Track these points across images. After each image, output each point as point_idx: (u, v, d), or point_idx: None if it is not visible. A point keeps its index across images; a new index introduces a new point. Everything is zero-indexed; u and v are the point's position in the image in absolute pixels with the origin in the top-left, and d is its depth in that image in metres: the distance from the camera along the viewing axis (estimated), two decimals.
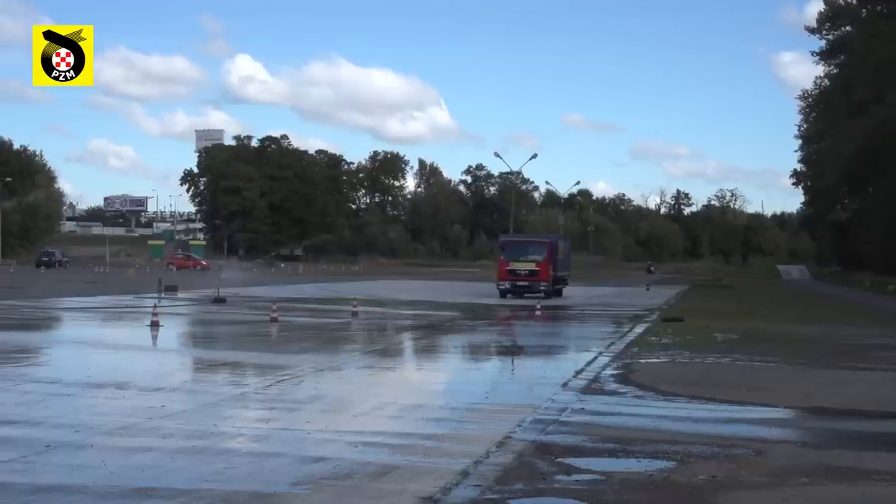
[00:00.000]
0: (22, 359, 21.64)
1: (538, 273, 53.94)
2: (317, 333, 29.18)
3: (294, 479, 10.10)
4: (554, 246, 57.07)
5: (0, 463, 10.53)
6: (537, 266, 54.05)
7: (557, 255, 57.11)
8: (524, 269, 54.14)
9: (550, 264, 54.67)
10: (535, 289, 53.15)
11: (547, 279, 54.11)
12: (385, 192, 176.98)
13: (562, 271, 59.09)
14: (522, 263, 54.24)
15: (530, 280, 53.92)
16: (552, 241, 58.89)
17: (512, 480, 10.22)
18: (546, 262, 54.33)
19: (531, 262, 54.20)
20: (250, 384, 17.64)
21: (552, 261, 55.15)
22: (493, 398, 16.72)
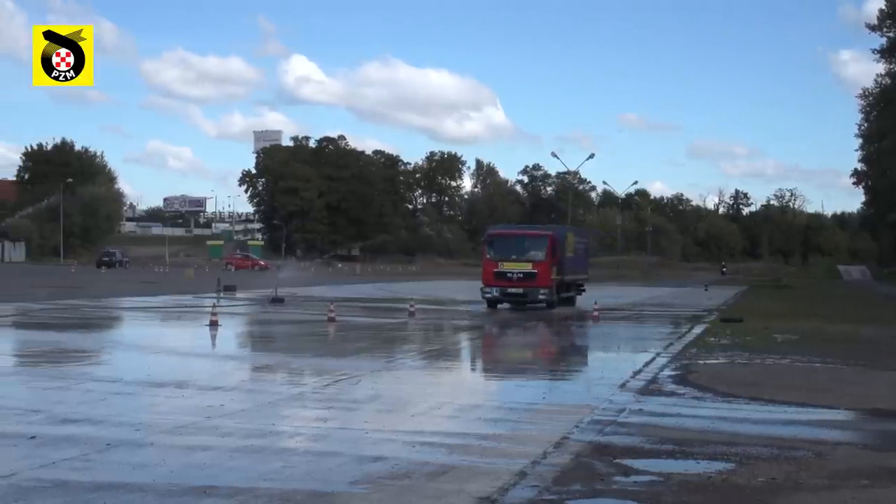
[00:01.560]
0: (83, 358, 21.87)
1: (536, 277, 41.41)
2: (374, 333, 29.25)
3: (352, 479, 10.12)
4: (558, 240, 43.48)
5: (62, 461, 10.64)
6: (534, 267, 41.54)
7: (564, 252, 44.11)
8: (517, 271, 41.64)
9: (552, 265, 41.91)
10: (531, 297, 41.75)
11: (547, 284, 41.58)
12: (442, 192, 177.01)
13: (572, 273, 46.43)
14: (514, 264, 41.74)
15: (525, 286, 41.50)
16: (556, 233, 44.64)
17: (570, 481, 10.18)
18: (546, 263, 41.50)
19: (526, 262, 41.78)
20: (308, 384, 17.70)
21: (555, 260, 42.26)
22: (550, 398, 16.67)
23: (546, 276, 41.56)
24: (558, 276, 42.78)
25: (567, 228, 51.68)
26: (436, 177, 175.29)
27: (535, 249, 42.51)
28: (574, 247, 47.17)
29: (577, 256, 48.07)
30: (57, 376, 18.12)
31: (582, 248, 50.25)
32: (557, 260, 42.52)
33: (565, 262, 44.19)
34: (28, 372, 19.47)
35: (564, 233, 46.47)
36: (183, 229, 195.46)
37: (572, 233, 49.65)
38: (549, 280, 41.64)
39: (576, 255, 47.47)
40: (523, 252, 42.49)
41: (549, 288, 41.69)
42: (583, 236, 53.28)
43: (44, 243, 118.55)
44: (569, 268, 45.18)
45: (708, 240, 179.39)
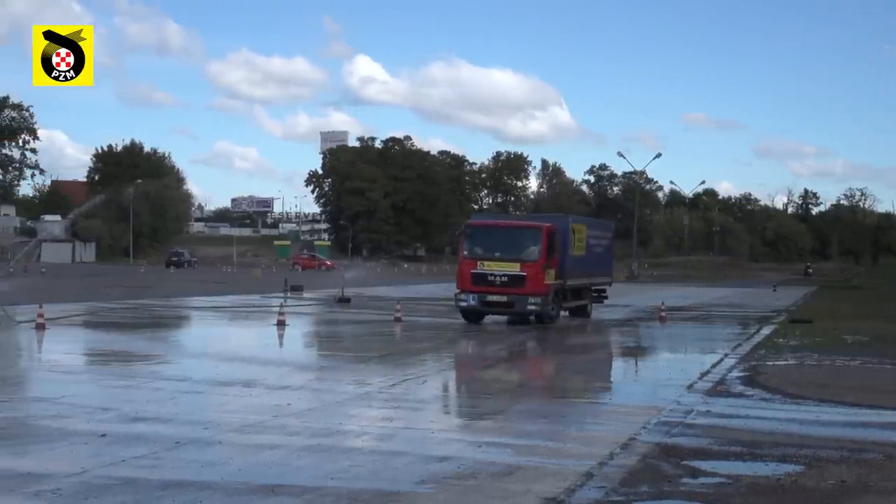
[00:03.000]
0: (152, 357, 22.07)
1: (525, 281, 31.73)
2: (440, 333, 29.27)
3: (418, 478, 10.13)
4: (558, 235, 33.22)
5: (131, 459, 10.75)
6: (523, 268, 31.80)
7: (568, 249, 34.00)
8: (500, 273, 31.96)
9: (549, 266, 32.32)
10: (519, 308, 32.14)
11: (540, 291, 31.90)
12: (508, 192, 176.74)
13: (583, 276, 36.26)
14: (498, 264, 32.15)
15: (510, 292, 31.78)
16: (555, 226, 33.61)
17: (637, 482, 10.12)
18: (540, 263, 31.93)
19: (513, 261, 32.09)
20: (374, 383, 17.75)
21: (553, 260, 32.69)
22: (616, 399, 16.62)
23: (538, 281, 31.75)
24: (558, 280, 33.07)
25: (575, 219, 38.45)
26: (502, 177, 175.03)
27: (526, 246, 32.50)
28: (587, 243, 36.44)
29: (593, 255, 37.45)
30: (126, 375, 18.32)
31: (603, 244, 39.30)
32: (557, 260, 32.85)
33: (570, 262, 33.93)
34: (98, 371, 19.70)
35: (568, 225, 34.75)
36: (250, 229, 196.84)
37: (584, 225, 37.72)
38: (543, 286, 31.90)
39: (590, 253, 36.82)
40: (510, 249, 32.50)
41: (542, 296, 31.88)
42: (602, 229, 40.72)
43: (114, 244, 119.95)
44: (577, 269, 34.82)
45: (776, 240, 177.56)
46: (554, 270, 32.59)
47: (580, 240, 35.70)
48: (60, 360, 20.90)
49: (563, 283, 33.73)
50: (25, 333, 25.08)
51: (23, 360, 21.63)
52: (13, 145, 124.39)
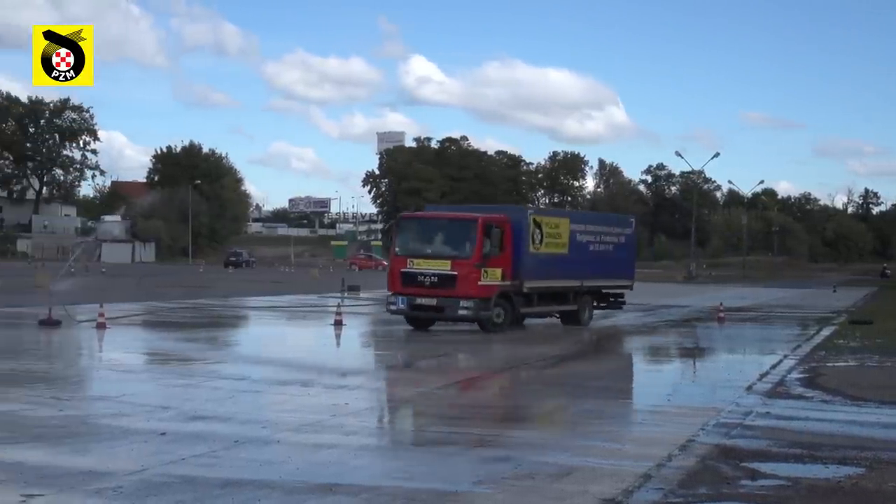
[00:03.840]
0: (211, 356, 22.22)
1: (455, 281, 27.66)
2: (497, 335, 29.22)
3: (476, 478, 10.14)
4: (499, 228, 28.67)
5: (190, 457, 10.83)
6: (454, 267, 27.75)
7: (523, 246, 29.22)
8: (431, 272, 28.00)
9: (484, 264, 27.85)
10: (450, 312, 28.22)
11: (473, 292, 27.72)
12: (565, 192, 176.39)
13: (564, 278, 31.47)
14: (428, 262, 28.29)
15: (440, 294, 27.86)
16: (502, 217, 29.55)
17: (695, 484, 10.07)
18: (472, 261, 27.66)
19: (443, 258, 28.18)
20: (431, 383, 17.76)
21: (497, 258, 28.28)
22: (675, 400, 16.53)
23: (470, 282, 27.62)
24: (509, 281, 28.72)
25: (544, 211, 33.40)
26: (558, 177, 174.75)
27: (458, 241, 28.45)
28: (572, 240, 31.70)
29: (590, 254, 32.74)
30: (185, 374, 18.46)
31: (613, 242, 34.23)
32: (507, 258, 28.60)
33: (530, 260, 29.40)
34: (157, 370, 19.87)
35: (526, 217, 29.95)
36: (308, 230, 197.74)
37: (563, 219, 32.76)
38: (477, 287, 27.72)
39: (580, 251, 32.03)
40: (441, 245, 28.84)
41: (475, 299, 27.65)
42: (611, 225, 35.65)
43: (173, 244, 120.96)
44: (548, 269, 30.33)
45: (836, 240, 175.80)
46: (500, 270, 28.27)
47: (553, 235, 30.71)
48: (120, 359, 21.10)
49: (519, 284, 29.00)
50: (86, 333, 25.34)
51: (84, 359, 21.86)
52: (74, 146, 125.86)
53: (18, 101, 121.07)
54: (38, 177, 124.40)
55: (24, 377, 17.37)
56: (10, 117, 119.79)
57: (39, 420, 13.06)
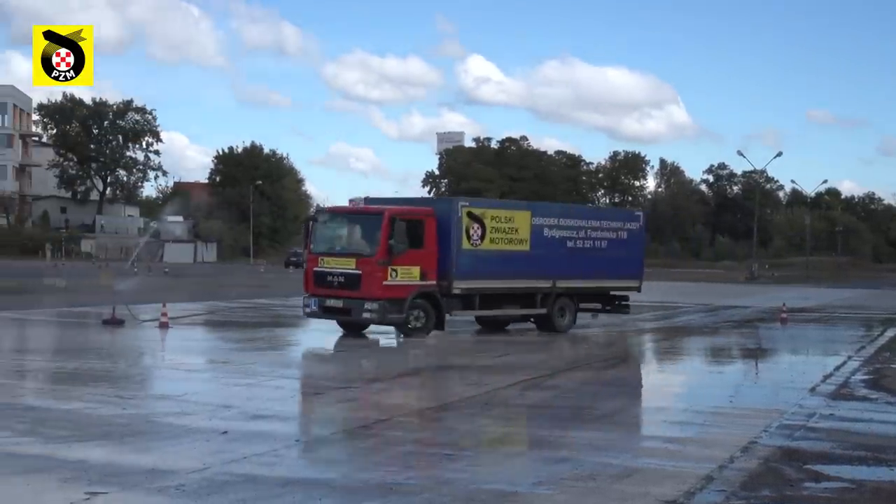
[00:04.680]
0: (272, 355, 22.35)
1: (359, 282, 25.20)
2: (556, 335, 29.14)
3: (536, 479, 10.12)
4: (411, 222, 25.93)
5: (252, 456, 10.90)
6: (359, 266, 25.38)
7: (452, 242, 26.34)
8: (338, 271, 25.75)
9: (389, 262, 25.15)
10: (356, 316, 25.56)
11: (377, 293, 25.05)
12: (625, 191, 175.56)
13: (522, 278, 28.27)
14: (337, 260, 26.06)
15: (346, 295, 25.46)
16: (411, 211, 27.05)
17: (758, 486, 9.99)
18: (376, 259, 25.08)
19: (350, 256, 25.91)
20: (490, 384, 17.74)
21: (409, 256, 25.54)
22: (737, 402, 16.42)
23: (374, 282, 25.02)
24: (434, 281, 26.04)
25: (488, 203, 31.64)
26: (619, 176, 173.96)
27: (364, 238, 26.20)
28: (536, 236, 28.38)
29: (568, 252, 29.29)
30: (247, 373, 18.56)
31: (608, 238, 30.65)
32: (428, 255, 25.86)
33: (466, 258, 26.54)
34: (219, 369, 19.98)
35: (456, 209, 26.63)
36: None
37: (522, 212, 28.96)
38: (381, 288, 25.09)
39: (550, 249, 28.75)
40: (349, 242, 26.75)
41: (381, 301, 25.01)
42: (617, 219, 32.28)
43: (234, 244, 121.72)
44: (496, 269, 27.32)
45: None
46: (418, 268, 25.66)
47: (504, 230, 27.59)
48: (182, 358, 21.28)
49: (448, 285, 26.21)
50: (149, 332, 25.58)
51: (146, 358, 22.06)
52: (137, 148, 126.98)
53: (82, 102, 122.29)
54: (102, 178, 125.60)
55: (88, 376, 17.57)
56: (75, 119, 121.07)
57: (103, 418, 13.19)
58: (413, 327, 25.53)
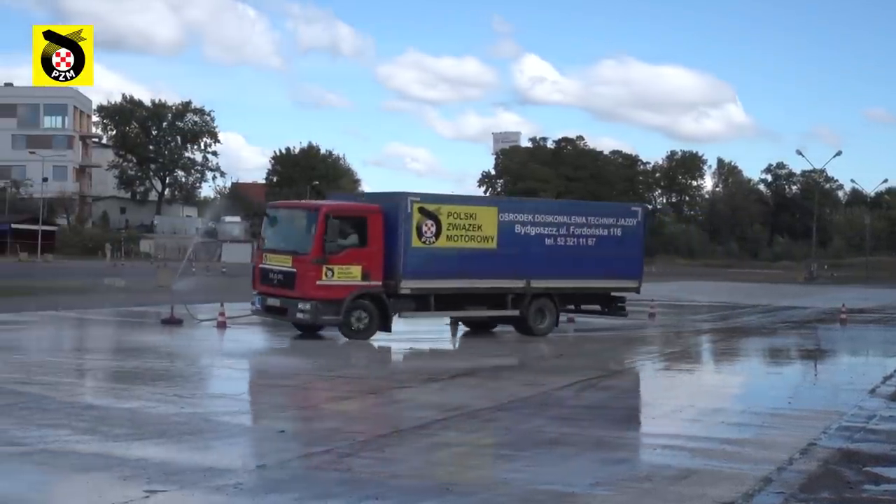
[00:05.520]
0: (329, 355, 22.43)
1: (294, 280, 24.28)
2: (613, 335, 29.06)
3: (593, 480, 10.09)
4: (376, 217, 25.02)
5: (309, 455, 10.96)
6: (294, 264, 24.45)
7: (399, 239, 24.95)
8: (277, 269, 24.96)
9: (330, 262, 24.06)
10: (291, 315, 24.56)
11: (310, 293, 23.98)
12: (682, 191, 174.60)
13: (486, 277, 26.30)
14: (277, 257, 25.25)
15: (283, 294, 24.66)
16: (351, 206, 27.09)
17: (817, 488, 9.90)
18: (310, 257, 24.08)
19: (286, 254, 24.96)
20: (547, 384, 17.71)
21: (347, 254, 24.34)
22: (795, 403, 16.28)
23: (308, 281, 23.99)
24: (387, 281, 24.81)
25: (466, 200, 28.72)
26: (676, 176, 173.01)
27: (300, 234, 25.09)
28: (506, 232, 26.68)
29: (563, 249, 27.63)
30: (303, 373, 18.64)
31: (611, 235, 28.65)
32: (372, 253, 24.64)
33: (414, 257, 25.12)
34: (275, 369, 20.06)
35: (406, 205, 25.17)
36: None
37: (487, 207, 27.63)
38: (314, 287, 23.97)
39: (524, 246, 26.96)
40: (287, 238, 25.61)
41: (315, 301, 23.94)
42: (610, 215, 29.59)
43: None
44: (454, 268, 25.73)
45: None
46: (360, 267, 24.39)
47: (465, 227, 25.98)
48: (239, 357, 21.42)
49: (395, 284, 24.85)
50: (207, 332, 25.75)
51: (204, 357, 22.22)
52: (195, 148, 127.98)
53: (142, 104, 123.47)
54: (161, 178, 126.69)
55: (147, 375, 17.73)
56: (134, 120, 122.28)
57: (161, 417, 13.31)
58: (356, 329, 24.35)
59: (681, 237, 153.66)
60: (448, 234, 25.56)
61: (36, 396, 14.57)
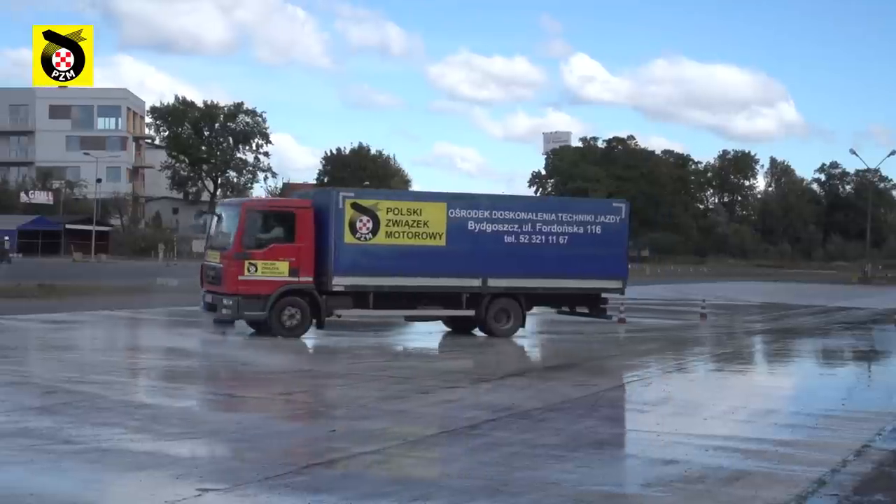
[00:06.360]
0: (380, 355, 22.48)
1: (222, 275, 24.28)
2: (664, 335, 28.96)
3: (644, 481, 10.05)
4: (305, 212, 24.83)
5: (361, 454, 10.98)
6: (221, 260, 24.60)
7: (330, 235, 24.57)
8: (211, 265, 25.29)
9: (246, 256, 23.95)
10: (219, 311, 24.37)
11: (231, 289, 23.93)
12: (734, 191, 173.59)
13: (436, 273, 25.58)
14: (212, 253, 25.61)
15: (214, 291, 24.65)
16: (276, 203, 29.11)
17: (871, 491, 9.81)
18: (231, 253, 24.21)
19: (217, 250, 25.23)
20: (598, 384, 17.66)
21: (268, 251, 24.17)
22: (849, 405, 16.12)
23: (230, 277, 23.97)
24: (319, 277, 24.49)
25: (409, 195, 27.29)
26: (728, 176, 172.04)
27: (229, 230, 25.01)
28: (456, 229, 25.72)
29: (527, 247, 26.36)
30: (355, 373, 18.69)
31: (587, 232, 27.09)
32: (302, 249, 24.31)
33: (347, 253, 24.55)
34: (328, 369, 20.11)
35: (336, 200, 24.76)
36: None
37: (437, 204, 26.09)
38: (236, 283, 23.85)
39: (495, 243, 26.04)
40: (221, 234, 25.62)
41: (237, 297, 23.82)
42: (588, 211, 27.91)
43: None
44: (392, 265, 25.05)
45: None
46: (287, 263, 24.06)
47: (407, 223, 25.20)
48: (290, 357, 21.49)
49: (326, 281, 24.41)
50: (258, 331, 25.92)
51: (256, 357, 22.33)
52: (247, 149, 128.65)
53: (194, 105, 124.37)
54: (213, 179, 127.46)
55: (200, 374, 17.86)
56: (186, 121, 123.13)
57: (214, 416, 13.40)
58: (288, 326, 24.05)
59: (733, 237, 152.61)
60: (387, 230, 24.95)
61: (90, 395, 14.70)
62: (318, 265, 24.38)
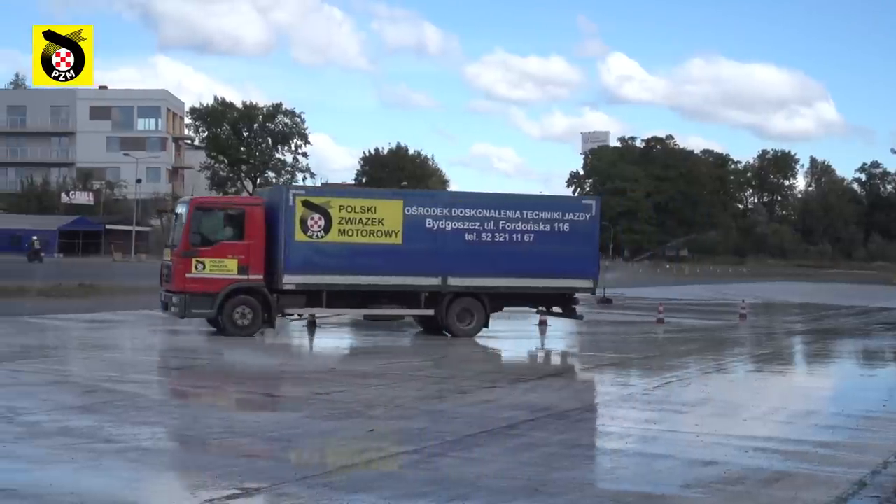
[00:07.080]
0: (416, 354, 22.51)
1: (172, 272, 24.37)
2: (703, 335, 28.85)
3: (683, 482, 10.01)
4: (255, 210, 24.80)
5: (399, 454, 11.02)
6: (171, 257, 24.72)
7: (280, 232, 24.25)
8: (166, 263, 25.44)
9: (193, 253, 23.82)
10: (170, 308, 24.62)
11: (179, 286, 23.91)
12: (774, 191, 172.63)
13: (392, 272, 25.04)
14: (168, 251, 25.82)
15: (166, 288, 24.89)
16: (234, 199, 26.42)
17: None
18: (180, 250, 24.28)
19: (170, 248, 25.40)
20: (637, 385, 17.64)
21: (214, 249, 23.98)
22: (890, 406, 16.02)
23: (178, 274, 23.96)
24: (269, 276, 24.20)
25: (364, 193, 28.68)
26: (768, 176, 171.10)
27: (179, 228, 25.03)
28: (424, 227, 25.39)
29: (488, 245, 25.75)
30: (391, 372, 18.71)
31: (555, 230, 26.29)
32: (251, 247, 24.05)
33: (299, 251, 24.25)
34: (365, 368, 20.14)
35: (287, 198, 24.58)
36: None
37: (393, 200, 26.14)
38: (184, 280, 23.72)
39: (454, 241, 25.52)
40: (175, 233, 25.74)
41: (183, 295, 23.71)
42: (555, 209, 26.82)
43: None
44: (342, 264, 24.59)
45: None
46: (236, 261, 23.82)
47: (361, 221, 24.70)
48: (330, 358, 21.56)
49: (276, 280, 24.04)
50: (298, 331, 25.98)
51: (295, 357, 22.41)
52: (286, 150, 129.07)
53: (233, 105, 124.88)
54: (252, 179, 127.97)
55: (239, 374, 17.93)
56: (226, 122, 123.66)
57: (252, 416, 13.45)
58: (240, 325, 23.70)
59: (772, 237, 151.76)
60: (340, 228, 24.53)
61: (130, 394, 14.81)
62: (269, 263, 24.10)
